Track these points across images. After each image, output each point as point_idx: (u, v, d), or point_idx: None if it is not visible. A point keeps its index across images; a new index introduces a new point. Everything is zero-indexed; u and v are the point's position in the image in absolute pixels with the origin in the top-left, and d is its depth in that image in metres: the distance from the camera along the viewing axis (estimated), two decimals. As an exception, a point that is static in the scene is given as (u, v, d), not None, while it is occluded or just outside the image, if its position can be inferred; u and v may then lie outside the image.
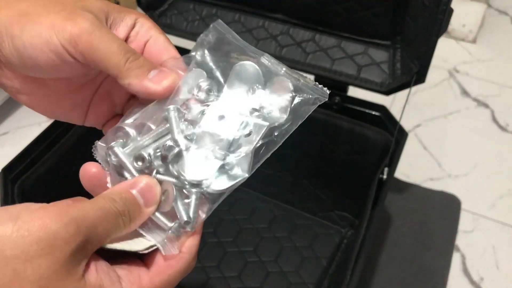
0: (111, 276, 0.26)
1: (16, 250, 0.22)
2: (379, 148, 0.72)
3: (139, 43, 0.33)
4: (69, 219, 0.24)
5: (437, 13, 0.58)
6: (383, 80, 0.70)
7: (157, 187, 0.29)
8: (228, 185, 0.30)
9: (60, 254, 0.23)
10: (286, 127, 0.32)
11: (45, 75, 0.31)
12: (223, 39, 0.33)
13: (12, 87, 0.32)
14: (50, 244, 0.23)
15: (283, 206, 0.87)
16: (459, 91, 1.23)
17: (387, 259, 0.88)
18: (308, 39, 0.75)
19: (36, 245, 0.23)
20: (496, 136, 1.11)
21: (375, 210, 0.61)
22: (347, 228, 0.84)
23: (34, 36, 0.28)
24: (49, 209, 0.24)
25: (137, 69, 0.30)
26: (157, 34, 0.33)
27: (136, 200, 0.28)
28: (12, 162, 0.63)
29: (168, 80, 0.30)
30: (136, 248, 0.29)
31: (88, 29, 0.28)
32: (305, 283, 0.77)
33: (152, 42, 0.33)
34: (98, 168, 0.31)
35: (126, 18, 0.32)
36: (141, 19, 0.33)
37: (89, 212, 0.25)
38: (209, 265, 0.79)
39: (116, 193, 0.27)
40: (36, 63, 0.29)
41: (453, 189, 0.99)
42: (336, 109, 0.75)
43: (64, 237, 0.23)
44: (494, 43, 1.37)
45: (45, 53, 0.29)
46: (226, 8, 0.78)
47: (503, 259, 0.89)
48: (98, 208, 0.26)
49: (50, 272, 0.23)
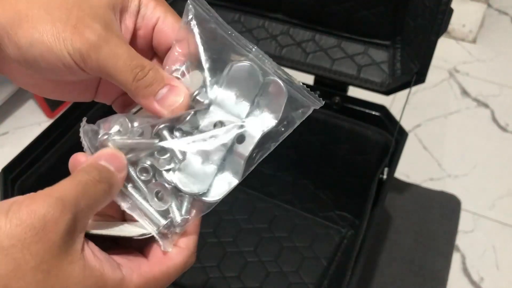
0: (111, 262, 0.27)
1: (13, 240, 0.23)
2: (379, 148, 0.72)
3: (147, 29, 0.32)
4: (53, 200, 0.24)
5: (437, 13, 0.58)
6: (383, 80, 0.70)
7: (120, 154, 0.29)
8: (220, 194, 0.30)
9: (53, 235, 0.24)
10: (278, 134, 0.31)
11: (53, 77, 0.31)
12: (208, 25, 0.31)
13: (19, 79, 0.32)
14: (42, 227, 0.23)
15: (283, 206, 0.87)
16: (459, 91, 1.23)
17: (387, 259, 0.88)
18: (308, 39, 0.75)
19: (30, 232, 0.23)
20: (496, 136, 1.11)
21: (375, 210, 0.62)
22: (347, 228, 0.84)
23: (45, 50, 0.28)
24: (34, 196, 0.25)
25: (144, 88, 0.29)
26: (164, 14, 0.31)
27: (107, 168, 0.28)
28: (12, 162, 0.63)
29: (176, 104, 0.29)
30: (128, 234, 0.29)
31: (96, 44, 0.27)
32: (305, 283, 0.77)
33: (160, 24, 0.32)
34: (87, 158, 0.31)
35: (131, 4, 0.31)
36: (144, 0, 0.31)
37: (69, 189, 0.25)
38: (209, 265, 0.79)
39: (88, 166, 0.28)
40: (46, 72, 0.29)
41: (453, 189, 0.99)
42: (336, 109, 0.75)
43: (53, 218, 0.24)
44: (494, 43, 1.37)
45: (57, 66, 0.28)
46: (226, 8, 0.78)
47: (503, 259, 0.89)
48: (76, 183, 0.26)
49: (49, 255, 0.24)
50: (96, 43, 0.27)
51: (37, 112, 1.11)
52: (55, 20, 0.28)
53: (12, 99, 1.10)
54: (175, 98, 0.29)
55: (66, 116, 0.70)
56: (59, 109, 1.11)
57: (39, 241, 0.23)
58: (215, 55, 0.31)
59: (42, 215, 0.24)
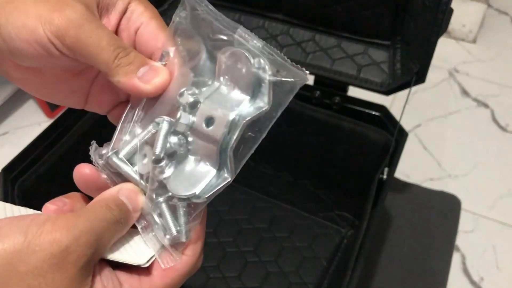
0: (114, 282, 0.27)
1: (29, 266, 0.23)
2: (379, 148, 0.72)
3: (130, 31, 0.31)
4: (79, 233, 0.24)
5: (437, 13, 0.58)
6: (383, 80, 0.70)
7: (140, 194, 0.30)
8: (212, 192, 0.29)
9: (72, 268, 0.24)
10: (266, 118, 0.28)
11: (34, 64, 0.30)
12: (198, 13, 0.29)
13: (6, 72, 0.31)
14: (63, 259, 0.23)
15: (283, 206, 0.87)
16: (459, 91, 1.23)
17: (387, 259, 0.88)
18: (308, 39, 0.75)
19: (49, 261, 0.23)
20: (496, 136, 1.11)
21: (375, 210, 0.61)
22: (347, 228, 0.84)
23: (20, 26, 0.27)
24: (57, 222, 0.24)
25: (126, 66, 0.28)
26: (148, 20, 0.31)
27: (126, 206, 0.28)
28: (12, 162, 0.63)
29: (158, 78, 0.29)
30: (137, 261, 0.29)
31: (77, 22, 0.27)
32: (305, 283, 0.77)
33: (142, 29, 0.31)
34: (92, 170, 0.31)
35: (118, 2, 0.30)
36: (133, 3, 0.31)
37: (95, 224, 0.25)
38: (209, 265, 0.79)
39: (110, 201, 0.28)
40: (22, 54, 0.28)
41: (453, 189, 0.99)
42: (336, 109, 0.75)
43: (76, 251, 0.24)
44: (494, 43, 1.37)
45: (31, 44, 0.27)
46: (226, 8, 0.78)
47: (503, 259, 0.89)
48: (101, 218, 0.26)
49: (64, 286, 0.23)
50: (77, 21, 0.27)
51: (37, 112, 1.11)
52: (37, 1, 0.27)
53: (12, 99, 1.10)
54: (157, 73, 0.29)
55: (66, 116, 0.70)
56: (59, 109, 1.11)
57: (57, 271, 0.23)
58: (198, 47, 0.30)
59: (65, 246, 0.23)
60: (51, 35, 0.27)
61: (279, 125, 0.78)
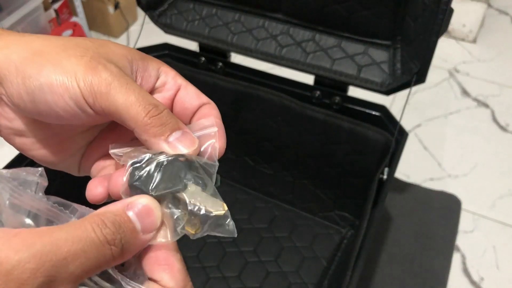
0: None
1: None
2: (379, 148, 0.72)
3: (168, 93, 0.30)
4: (30, 254, 0.20)
5: (437, 13, 0.58)
6: (383, 80, 0.70)
7: (157, 211, 0.25)
8: None
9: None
10: None
11: (56, 121, 0.28)
12: None
13: (9, 128, 0.29)
14: (2, 284, 0.19)
15: (283, 206, 0.87)
16: (459, 91, 1.23)
17: (387, 259, 0.88)
18: (308, 39, 0.75)
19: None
20: (496, 136, 1.11)
21: (375, 210, 0.61)
22: (347, 228, 0.84)
23: (54, 80, 0.26)
24: (19, 237, 0.20)
25: (157, 126, 0.26)
26: (186, 83, 0.30)
27: (132, 225, 0.24)
28: (12, 162, 0.63)
29: (187, 150, 0.27)
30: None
31: (108, 80, 0.26)
32: (305, 283, 0.77)
33: (183, 91, 0.30)
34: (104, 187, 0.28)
35: (149, 67, 0.29)
36: (164, 68, 0.30)
37: (61, 245, 0.20)
38: (209, 265, 0.79)
39: (109, 216, 0.23)
40: (51, 108, 0.26)
41: (453, 189, 0.99)
42: (336, 109, 0.75)
43: (18, 277, 0.19)
44: (494, 43, 1.37)
45: (64, 99, 0.26)
46: (226, 8, 0.78)
47: (503, 259, 0.89)
48: (75, 239, 0.21)
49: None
50: (108, 79, 0.26)
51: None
52: (70, 55, 0.26)
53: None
54: (187, 144, 0.27)
55: (66, 116, 0.70)
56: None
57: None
58: None
59: (7, 270, 0.19)
60: (86, 92, 0.26)
61: (279, 125, 0.78)
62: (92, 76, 0.26)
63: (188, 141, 0.27)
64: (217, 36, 0.79)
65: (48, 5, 1.35)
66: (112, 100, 0.26)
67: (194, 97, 0.30)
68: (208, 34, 0.79)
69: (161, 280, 0.25)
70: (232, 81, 0.80)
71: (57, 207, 0.25)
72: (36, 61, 0.26)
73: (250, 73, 0.81)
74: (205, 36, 0.79)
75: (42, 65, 0.26)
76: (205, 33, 0.79)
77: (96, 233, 0.22)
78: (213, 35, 0.79)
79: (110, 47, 0.28)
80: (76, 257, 0.21)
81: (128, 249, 0.23)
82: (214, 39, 0.78)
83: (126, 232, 0.23)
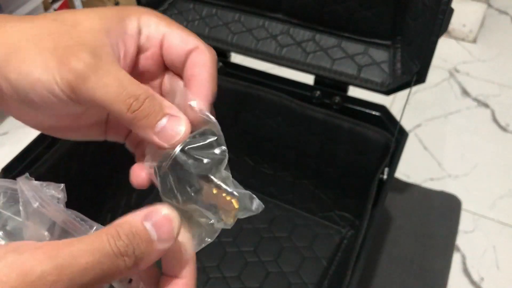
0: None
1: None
2: (379, 148, 0.72)
3: (155, 48, 0.30)
4: (52, 266, 0.20)
5: (437, 13, 0.58)
6: (383, 80, 0.70)
7: (176, 221, 0.25)
8: None
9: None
10: None
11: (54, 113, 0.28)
12: None
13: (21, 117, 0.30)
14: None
15: (283, 206, 0.87)
16: (459, 91, 1.23)
17: (387, 259, 0.88)
18: (308, 39, 0.75)
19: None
20: (496, 136, 1.11)
21: (375, 210, 0.61)
22: (347, 228, 0.84)
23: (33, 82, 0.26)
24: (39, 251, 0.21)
25: (142, 119, 0.26)
26: (169, 29, 0.29)
27: (148, 236, 0.23)
28: (12, 162, 0.63)
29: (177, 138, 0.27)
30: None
31: (82, 74, 0.25)
32: (305, 283, 0.77)
33: (168, 40, 0.29)
34: (147, 172, 0.29)
35: (128, 26, 0.28)
36: (144, 18, 0.29)
37: (79, 257, 0.21)
38: (209, 265, 0.79)
39: (125, 228, 0.23)
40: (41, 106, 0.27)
41: (453, 189, 0.99)
42: (336, 109, 0.75)
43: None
44: (494, 43, 1.37)
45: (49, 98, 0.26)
46: (226, 8, 0.78)
47: (503, 259, 0.89)
48: (94, 251, 0.21)
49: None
50: (83, 72, 0.25)
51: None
52: (42, 50, 0.26)
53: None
54: (176, 128, 0.27)
55: (66, 116, 0.70)
56: (59, 109, 1.11)
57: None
58: None
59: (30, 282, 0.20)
60: (64, 88, 0.25)
61: (279, 125, 0.78)
62: (68, 72, 0.25)
63: (176, 125, 0.27)
64: (217, 36, 0.79)
65: (48, 5, 1.35)
66: (92, 95, 0.25)
67: (180, 45, 0.29)
68: (208, 34, 0.79)
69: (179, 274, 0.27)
70: (232, 81, 0.80)
71: (79, 220, 0.25)
72: (12, 61, 0.26)
73: (250, 73, 0.81)
74: (205, 36, 0.79)
75: (19, 66, 0.26)
76: (205, 33, 0.79)
77: (111, 245, 0.22)
78: (213, 35, 0.79)
79: (84, 25, 0.27)
80: (93, 268, 0.21)
81: (142, 259, 0.23)
82: (214, 39, 0.78)
83: (141, 244, 0.23)
